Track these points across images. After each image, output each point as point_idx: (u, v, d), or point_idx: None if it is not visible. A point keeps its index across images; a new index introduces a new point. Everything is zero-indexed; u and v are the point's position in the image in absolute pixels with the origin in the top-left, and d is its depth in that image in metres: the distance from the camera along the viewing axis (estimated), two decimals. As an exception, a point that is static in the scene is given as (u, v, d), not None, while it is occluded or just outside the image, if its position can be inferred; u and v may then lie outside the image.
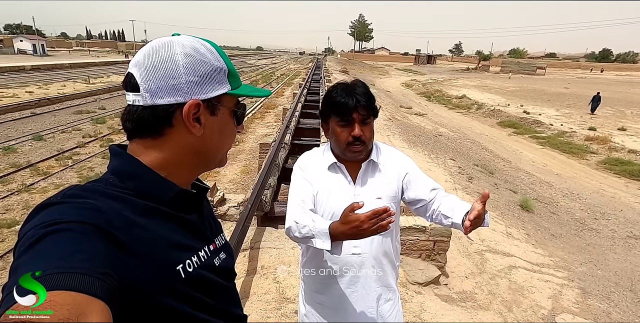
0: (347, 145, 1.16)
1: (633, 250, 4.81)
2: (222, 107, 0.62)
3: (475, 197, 5.38)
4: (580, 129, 12.67)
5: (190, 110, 0.57)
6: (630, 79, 44.82)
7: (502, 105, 17.77)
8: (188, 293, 0.54)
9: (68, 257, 0.40)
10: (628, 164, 9.10)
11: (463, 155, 8.65)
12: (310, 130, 7.18)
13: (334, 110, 1.16)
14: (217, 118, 0.61)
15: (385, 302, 1.26)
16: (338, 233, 1.00)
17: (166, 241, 0.54)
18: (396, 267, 1.31)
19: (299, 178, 1.26)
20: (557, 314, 2.93)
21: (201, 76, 0.58)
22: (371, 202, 1.19)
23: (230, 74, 0.63)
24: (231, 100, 0.64)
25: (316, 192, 1.24)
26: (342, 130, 1.16)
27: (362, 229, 0.95)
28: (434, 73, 46.16)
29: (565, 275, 3.69)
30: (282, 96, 17.44)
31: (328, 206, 1.22)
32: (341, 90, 1.17)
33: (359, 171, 1.23)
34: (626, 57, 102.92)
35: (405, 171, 1.25)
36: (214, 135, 0.62)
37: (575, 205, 6.43)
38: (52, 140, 8.90)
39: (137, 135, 0.58)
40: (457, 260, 3.44)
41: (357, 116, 1.14)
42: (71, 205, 0.47)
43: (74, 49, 74.01)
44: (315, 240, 1.06)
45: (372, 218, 0.93)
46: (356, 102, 1.13)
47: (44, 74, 24.26)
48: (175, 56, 0.57)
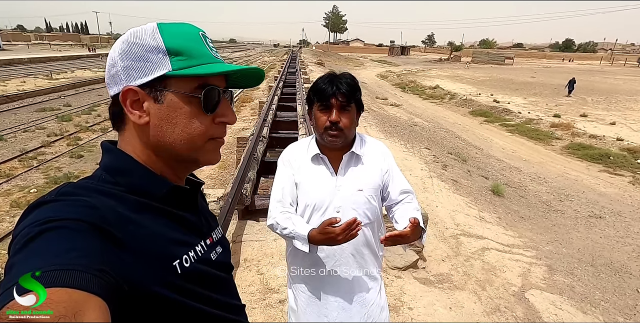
0: (325, 130, 1.21)
1: (594, 228, 5.16)
2: (169, 92, 0.55)
3: (450, 184, 5.58)
4: (546, 116, 13.29)
5: (126, 97, 0.54)
6: (590, 68, 47.16)
7: (474, 95, 18.30)
8: (186, 288, 0.54)
9: (64, 254, 0.40)
10: (589, 149, 9.66)
11: (437, 144, 8.90)
12: (287, 123, 7.15)
13: (316, 95, 1.22)
14: (164, 105, 0.55)
15: (367, 290, 1.30)
16: (315, 240, 1.12)
17: (161, 237, 0.54)
18: (379, 257, 1.35)
19: (282, 174, 1.31)
20: (527, 290, 3.12)
21: (134, 59, 0.54)
22: (353, 194, 1.24)
23: (171, 52, 0.55)
24: (186, 83, 0.55)
25: (299, 182, 1.27)
26: (321, 115, 1.22)
27: (337, 240, 1.07)
28: (408, 64, 46.77)
29: (534, 254, 3.92)
30: (258, 89, 17.18)
31: (309, 197, 1.25)
32: (326, 78, 1.23)
33: (340, 162, 1.27)
34: (587, 46, 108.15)
35: (387, 167, 1.30)
36: (163, 125, 0.56)
37: (542, 188, 6.79)
38: (14, 140, 8.41)
39: (114, 128, 0.60)
40: (434, 244, 3.58)
41: (335, 102, 1.18)
42: (65, 202, 0.47)
43: (32, 42, 69.48)
44: (295, 241, 1.18)
45: (345, 230, 1.04)
46: (336, 89, 1.18)
47: (1, 69, 22.71)
48: (117, 44, 0.56)
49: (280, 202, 1.26)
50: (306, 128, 5.79)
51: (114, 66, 0.56)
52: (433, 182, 5.36)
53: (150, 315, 0.49)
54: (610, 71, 41.81)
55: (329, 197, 1.24)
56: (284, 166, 1.32)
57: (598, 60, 72.30)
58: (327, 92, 1.18)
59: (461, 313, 2.61)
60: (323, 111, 1.21)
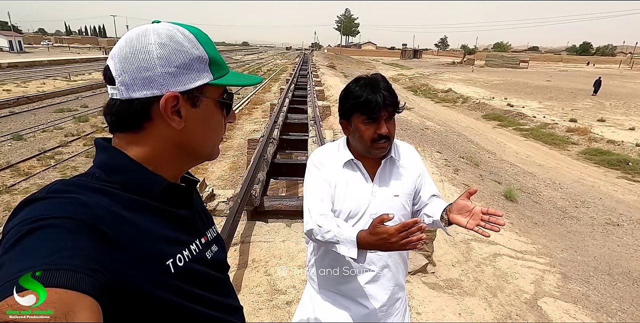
0: (372, 143, 1.13)
1: (611, 236, 5.00)
2: (205, 98, 0.58)
3: (462, 188, 5.50)
4: (562, 121, 13.01)
5: (168, 104, 0.54)
6: (609, 72, 46.01)
7: (487, 99, 18.06)
8: (180, 287, 0.53)
9: (55, 253, 0.39)
10: (607, 154, 9.41)
11: (449, 148, 8.80)
12: (298, 125, 7.19)
13: (359, 107, 1.11)
14: (200, 110, 0.58)
15: (395, 300, 1.26)
16: (365, 243, 0.96)
17: (155, 236, 0.53)
18: (407, 264, 1.31)
19: (316, 177, 1.21)
20: (539, 298, 3.04)
21: (178, 67, 0.55)
22: (389, 199, 1.18)
23: (212, 62, 0.59)
24: (216, 90, 0.60)
25: (332, 189, 1.19)
26: (367, 128, 1.12)
27: (390, 242, 0.91)
28: (420, 67, 46.47)
29: (547, 261, 3.82)
30: (270, 92, 17.34)
31: (345, 204, 1.18)
32: (365, 86, 1.11)
33: (376, 168, 1.20)
34: (605, 50, 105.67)
35: (419, 171, 1.25)
36: (197, 128, 0.59)
37: (557, 194, 6.63)
38: (33, 140, 8.67)
39: (118, 129, 0.57)
40: (444, 249, 3.53)
41: (385, 114, 1.10)
42: (57, 200, 0.46)
43: (53, 45, 71.69)
44: (340, 246, 1.02)
45: (401, 232, 0.89)
46: (384, 99, 1.08)
47: (22, 71, 23.47)
48: (149, 46, 0.53)
49: (320, 206, 1.14)
50: (316, 130, 5.80)
51: (150, 70, 0.53)
52: (444, 186, 5.29)
53: (144, 315, 0.48)
54: (630, 75, 40.73)
55: (365, 203, 1.18)
56: (316, 169, 1.21)
57: (617, 63, 70.54)
58: (375, 105, 1.07)
59: (471, 320, 2.55)
60: (370, 123, 1.11)
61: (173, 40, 0.55)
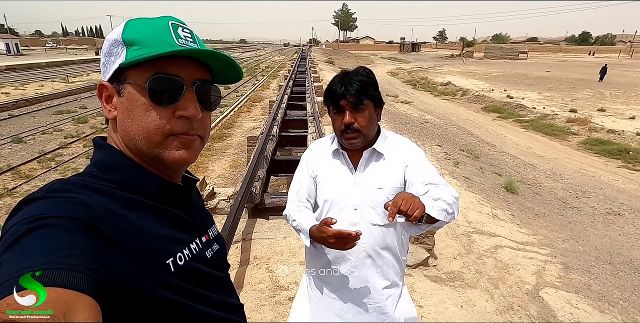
0: (341, 133, 1.17)
1: (612, 225, 5.01)
2: (127, 84, 0.54)
3: (462, 181, 5.50)
4: (562, 111, 12.95)
5: (100, 93, 0.57)
6: (608, 61, 45.68)
7: (487, 91, 17.97)
8: (180, 286, 0.53)
9: (54, 253, 0.39)
10: (607, 144, 9.38)
11: (449, 141, 8.78)
12: (297, 121, 7.17)
13: (329, 98, 1.18)
14: (124, 98, 0.55)
15: (386, 297, 1.23)
16: (313, 236, 1.12)
17: (154, 235, 0.53)
18: (401, 262, 1.27)
19: (300, 170, 1.32)
20: (541, 289, 3.06)
21: (105, 55, 0.56)
22: (372, 192, 1.18)
23: (127, 43, 0.54)
24: (141, 74, 0.54)
25: (319, 177, 1.26)
26: (336, 118, 1.17)
27: (329, 242, 1.06)
28: (418, 61, 46.21)
29: (549, 251, 3.83)
30: (268, 89, 17.29)
31: (328, 192, 1.23)
32: (338, 78, 1.17)
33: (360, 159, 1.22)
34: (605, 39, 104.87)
35: (406, 163, 1.21)
36: (125, 118, 0.55)
37: (558, 185, 6.62)
38: (33, 142, 8.67)
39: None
40: (445, 242, 3.54)
41: (346, 103, 1.13)
42: (56, 199, 0.46)
43: (57, 47, 71.46)
44: (300, 234, 1.19)
45: (338, 237, 1.02)
46: (344, 89, 1.12)
47: (20, 74, 23.40)
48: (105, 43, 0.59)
49: (297, 195, 1.27)
50: (316, 126, 5.80)
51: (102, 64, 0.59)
52: (444, 180, 5.29)
53: (144, 314, 0.48)
54: (630, 64, 40.47)
55: (347, 194, 1.20)
56: (304, 162, 1.31)
57: (616, 52, 70.03)
58: (337, 94, 1.14)
59: (473, 312, 2.57)
60: (337, 114, 1.16)
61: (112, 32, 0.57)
